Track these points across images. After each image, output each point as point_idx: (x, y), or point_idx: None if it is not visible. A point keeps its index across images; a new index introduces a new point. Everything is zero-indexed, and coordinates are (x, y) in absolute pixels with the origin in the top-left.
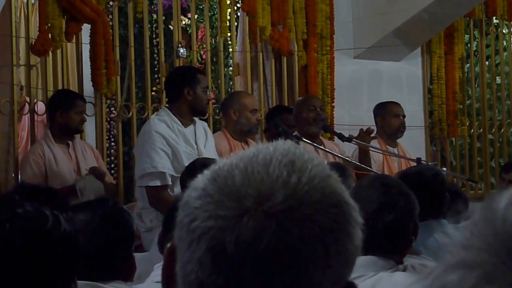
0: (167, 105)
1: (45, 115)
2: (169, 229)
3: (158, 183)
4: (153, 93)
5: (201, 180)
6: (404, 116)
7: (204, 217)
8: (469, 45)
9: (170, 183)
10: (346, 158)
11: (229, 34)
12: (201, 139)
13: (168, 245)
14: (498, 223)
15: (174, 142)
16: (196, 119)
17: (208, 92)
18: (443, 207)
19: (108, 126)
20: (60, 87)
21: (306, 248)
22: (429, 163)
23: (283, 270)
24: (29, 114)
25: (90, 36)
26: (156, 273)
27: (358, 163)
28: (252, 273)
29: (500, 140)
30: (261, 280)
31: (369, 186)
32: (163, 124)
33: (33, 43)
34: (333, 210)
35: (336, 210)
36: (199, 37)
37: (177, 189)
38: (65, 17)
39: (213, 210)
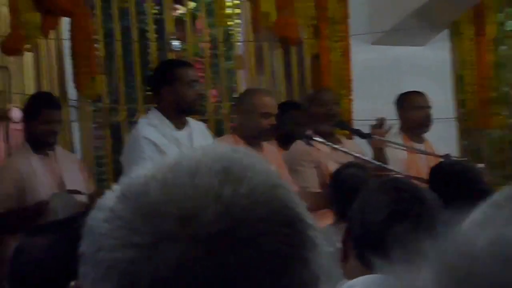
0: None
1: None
2: None
3: None
4: (147, 93)
5: (109, 197)
6: (429, 107)
7: (113, 246)
8: (502, 24)
9: None
10: (366, 159)
11: (230, 23)
12: (199, 143)
13: (72, 283)
14: None
15: (165, 148)
16: (191, 120)
17: (195, 86)
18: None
19: (95, 132)
20: (38, 90)
21: (247, 281)
22: (460, 159)
23: None
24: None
25: (69, 30)
26: None
27: (381, 164)
28: None
29: None
30: None
31: (378, 190)
32: (152, 129)
33: (4, 41)
34: (283, 230)
35: (288, 231)
36: (198, 27)
37: None
38: (40, 10)
39: (124, 237)
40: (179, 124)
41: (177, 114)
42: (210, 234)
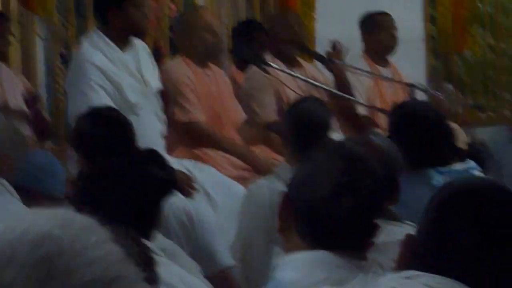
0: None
1: None
2: None
3: None
4: None
5: None
6: (394, 28)
7: None
8: None
9: None
10: (328, 88)
11: None
12: (146, 66)
13: None
14: None
15: (114, 74)
16: (135, 39)
17: (145, 8)
18: (436, 153)
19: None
20: None
21: None
22: (427, 89)
23: None
24: None
25: None
26: None
27: (343, 95)
28: None
29: None
30: None
31: (325, 160)
32: (98, 53)
33: None
34: None
35: None
36: None
37: None
38: None
39: None
40: (124, 45)
41: (125, 38)
42: None
